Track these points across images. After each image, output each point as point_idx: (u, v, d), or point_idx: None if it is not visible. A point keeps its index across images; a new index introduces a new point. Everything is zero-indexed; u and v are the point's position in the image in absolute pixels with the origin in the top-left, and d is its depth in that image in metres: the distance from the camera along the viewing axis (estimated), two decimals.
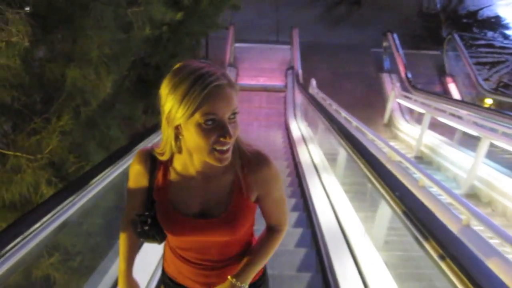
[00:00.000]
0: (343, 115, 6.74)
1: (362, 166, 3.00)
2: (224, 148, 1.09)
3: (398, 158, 4.66)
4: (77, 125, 3.44)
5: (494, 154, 6.70)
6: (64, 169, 3.24)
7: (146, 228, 1.29)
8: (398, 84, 11.65)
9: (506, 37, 17.33)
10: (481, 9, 18.60)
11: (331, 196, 4.51)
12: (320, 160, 6.06)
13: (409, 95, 10.55)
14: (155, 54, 6.53)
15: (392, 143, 5.93)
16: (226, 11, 9.76)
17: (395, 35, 13.76)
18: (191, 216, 1.25)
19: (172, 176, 1.26)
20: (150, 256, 2.71)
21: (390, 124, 11.32)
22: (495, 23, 18.10)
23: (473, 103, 10.47)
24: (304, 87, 10.35)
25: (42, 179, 2.97)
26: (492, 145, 6.11)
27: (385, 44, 14.35)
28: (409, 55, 13.72)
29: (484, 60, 15.52)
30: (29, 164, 2.90)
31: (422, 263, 2.14)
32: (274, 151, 8.14)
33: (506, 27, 17.94)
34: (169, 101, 1.07)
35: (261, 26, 16.74)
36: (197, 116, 1.04)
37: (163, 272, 1.51)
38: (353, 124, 6.11)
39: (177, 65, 1.11)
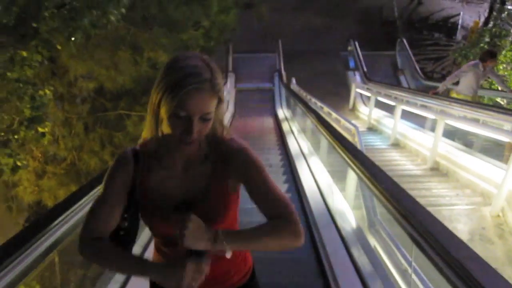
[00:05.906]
0: (319, 105, 10.02)
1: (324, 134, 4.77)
2: (188, 141, 1.15)
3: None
4: None
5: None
6: None
7: (122, 233, 1.29)
8: (358, 78, 15.36)
9: (449, 36, 21.29)
10: (432, 14, 22.60)
11: (303, 147, 7.79)
12: (297, 130, 9.66)
13: (364, 86, 14.25)
14: None
15: (354, 121, 9.03)
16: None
17: (356, 42, 17.65)
18: (172, 208, 1.24)
19: (154, 169, 1.27)
20: None
21: (354, 109, 14.97)
22: (442, 26, 22.08)
23: (401, 86, 14.19)
24: (287, 85, 14.07)
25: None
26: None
27: (349, 48, 18.21)
28: (371, 55, 17.54)
29: (431, 56, 19.46)
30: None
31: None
32: (268, 127, 11.88)
33: (450, 28, 21.89)
34: (158, 89, 1.13)
35: (251, 39, 20.39)
36: (172, 108, 1.10)
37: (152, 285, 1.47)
38: (324, 109, 9.38)
39: (174, 56, 1.16)
